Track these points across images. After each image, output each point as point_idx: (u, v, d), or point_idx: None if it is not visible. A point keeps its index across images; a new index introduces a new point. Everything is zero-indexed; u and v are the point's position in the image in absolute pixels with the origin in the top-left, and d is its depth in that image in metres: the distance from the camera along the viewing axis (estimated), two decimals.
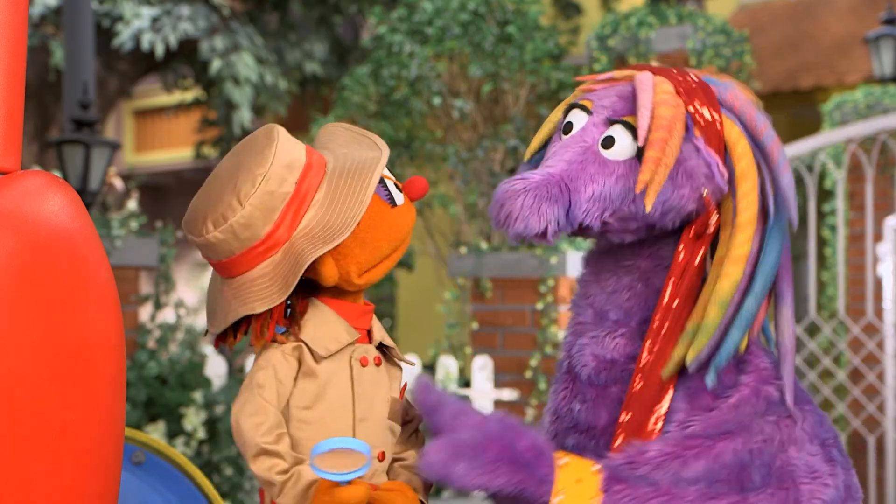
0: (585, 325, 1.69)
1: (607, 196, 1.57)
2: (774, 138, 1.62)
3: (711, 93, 1.64)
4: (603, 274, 1.69)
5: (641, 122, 1.57)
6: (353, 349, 1.60)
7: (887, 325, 4.68)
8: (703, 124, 1.60)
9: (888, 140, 4.84)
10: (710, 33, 5.41)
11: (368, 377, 1.60)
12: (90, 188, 5.23)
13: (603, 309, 1.67)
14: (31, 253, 1.28)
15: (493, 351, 4.51)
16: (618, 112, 1.62)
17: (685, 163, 1.58)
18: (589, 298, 1.69)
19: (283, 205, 1.54)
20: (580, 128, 1.63)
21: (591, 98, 1.66)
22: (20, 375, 1.26)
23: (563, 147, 1.62)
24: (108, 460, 1.40)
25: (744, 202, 1.57)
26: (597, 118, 1.62)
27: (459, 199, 5.95)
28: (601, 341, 1.66)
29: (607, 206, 1.57)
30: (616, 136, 1.60)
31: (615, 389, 1.64)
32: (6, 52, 1.35)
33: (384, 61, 6.10)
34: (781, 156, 1.62)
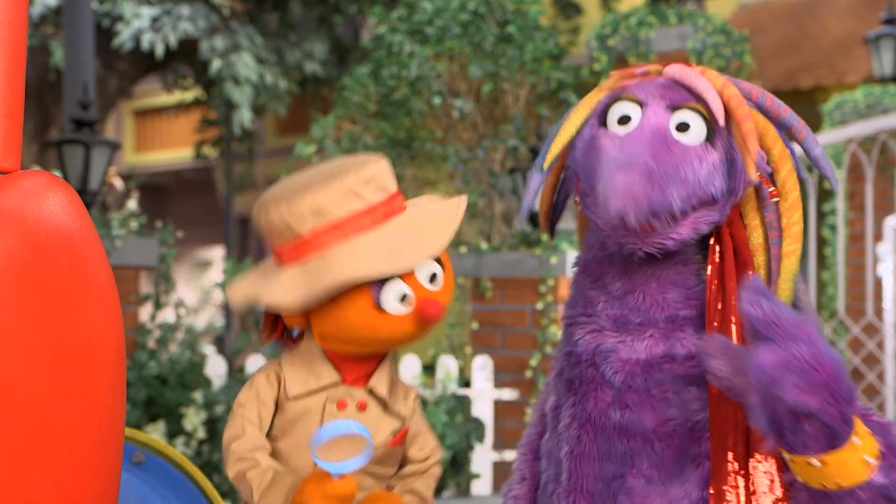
0: (603, 332, 1.65)
1: (696, 180, 1.55)
2: (796, 117, 1.66)
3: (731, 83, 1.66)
4: (607, 279, 1.66)
5: (714, 104, 1.58)
6: (331, 391, 1.60)
7: (887, 325, 4.68)
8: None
9: (888, 140, 4.84)
10: (710, 33, 5.41)
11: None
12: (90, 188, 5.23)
13: (621, 314, 1.64)
14: (31, 253, 1.28)
15: (493, 351, 4.51)
16: (675, 100, 1.61)
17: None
18: (598, 307, 1.66)
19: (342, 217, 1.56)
20: (641, 117, 1.61)
21: (633, 91, 1.65)
22: (20, 375, 1.26)
23: (634, 138, 1.58)
24: (108, 460, 1.40)
25: (790, 182, 1.60)
26: (656, 107, 1.61)
27: None
28: (629, 345, 1.63)
29: (695, 191, 1.55)
30: (689, 120, 1.59)
31: (656, 392, 1.61)
32: (6, 52, 1.35)
33: (384, 61, 6.10)
34: (808, 131, 1.66)
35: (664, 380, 1.61)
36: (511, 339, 4.50)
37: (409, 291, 1.54)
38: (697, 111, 1.60)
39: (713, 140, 1.58)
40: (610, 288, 1.65)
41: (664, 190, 1.49)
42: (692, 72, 1.64)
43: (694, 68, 1.66)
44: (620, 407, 1.62)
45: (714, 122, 1.59)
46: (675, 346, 1.62)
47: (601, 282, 1.67)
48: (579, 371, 1.67)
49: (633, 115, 1.61)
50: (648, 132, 1.57)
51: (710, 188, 1.56)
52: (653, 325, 1.62)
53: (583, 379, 1.66)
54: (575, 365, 1.67)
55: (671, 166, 1.54)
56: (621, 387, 1.62)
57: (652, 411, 1.61)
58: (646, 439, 1.61)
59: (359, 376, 1.62)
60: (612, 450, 1.62)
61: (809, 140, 1.65)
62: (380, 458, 1.60)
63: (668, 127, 1.58)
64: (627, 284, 1.64)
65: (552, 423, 1.74)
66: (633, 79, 1.68)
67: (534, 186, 1.66)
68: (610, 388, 1.63)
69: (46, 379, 1.28)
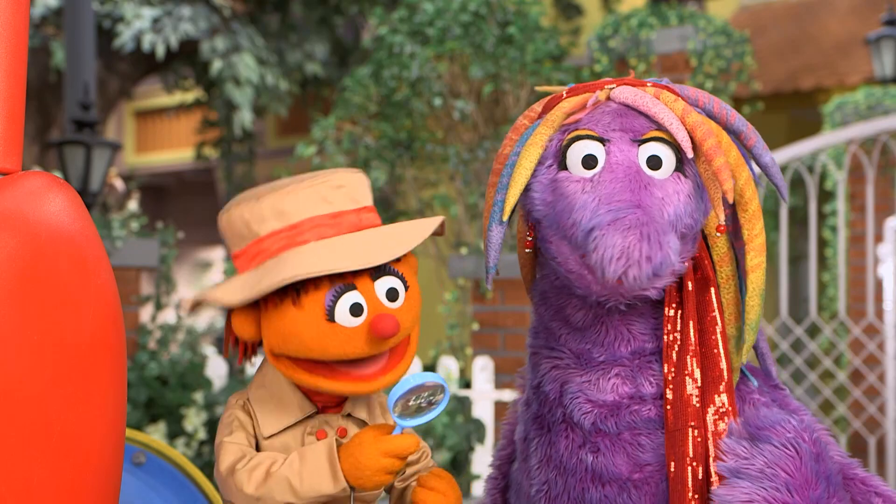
0: (567, 370, 1.58)
1: (680, 215, 1.48)
2: (745, 122, 1.57)
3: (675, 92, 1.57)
4: (567, 311, 1.58)
5: (679, 135, 1.49)
6: (309, 423, 1.55)
7: (888, 327, 4.68)
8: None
9: (889, 141, 4.84)
10: (711, 34, 5.41)
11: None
12: (91, 189, 5.23)
13: (584, 349, 1.57)
14: (32, 253, 1.28)
15: (493, 352, 4.51)
16: (637, 131, 1.52)
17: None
18: (560, 339, 1.58)
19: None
20: (608, 157, 1.50)
21: (588, 127, 1.54)
22: (21, 376, 1.26)
23: (612, 180, 1.48)
24: (109, 461, 1.40)
25: (748, 191, 1.51)
26: (620, 143, 1.51)
27: (460, 200, 5.94)
28: (595, 384, 1.56)
29: (678, 226, 1.48)
30: (660, 154, 1.50)
31: (628, 435, 1.54)
32: (7, 53, 1.35)
33: (385, 62, 6.10)
34: (757, 137, 1.57)
35: (635, 422, 1.54)
36: (512, 340, 4.50)
37: (363, 303, 1.47)
38: (664, 141, 1.50)
39: (683, 169, 1.50)
40: (571, 319, 1.57)
41: (662, 245, 1.38)
42: (646, 97, 1.53)
43: (646, 88, 1.54)
44: (592, 451, 1.55)
45: (682, 150, 1.49)
46: (642, 385, 1.54)
47: (562, 313, 1.59)
48: (549, 409, 1.60)
49: (597, 154, 1.50)
50: (622, 174, 1.47)
51: (689, 220, 1.49)
52: (617, 364, 1.55)
53: (553, 419, 1.59)
54: (543, 402, 1.61)
55: (658, 212, 1.44)
56: (591, 429, 1.55)
57: (625, 456, 1.53)
58: (621, 487, 1.54)
59: (333, 401, 1.57)
60: (585, 496, 1.56)
61: (759, 146, 1.57)
62: None
63: (639, 165, 1.49)
64: (589, 316, 1.56)
65: (521, 455, 1.68)
66: (582, 111, 1.57)
67: (495, 241, 1.55)
68: (581, 429, 1.56)
69: (47, 379, 1.28)
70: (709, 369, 1.52)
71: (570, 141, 1.52)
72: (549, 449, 1.60)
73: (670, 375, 1.53)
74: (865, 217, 5.12)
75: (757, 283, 1.52)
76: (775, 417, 1.48)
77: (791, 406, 1.60)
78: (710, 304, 1.54)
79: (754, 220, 1.53)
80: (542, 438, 1.61)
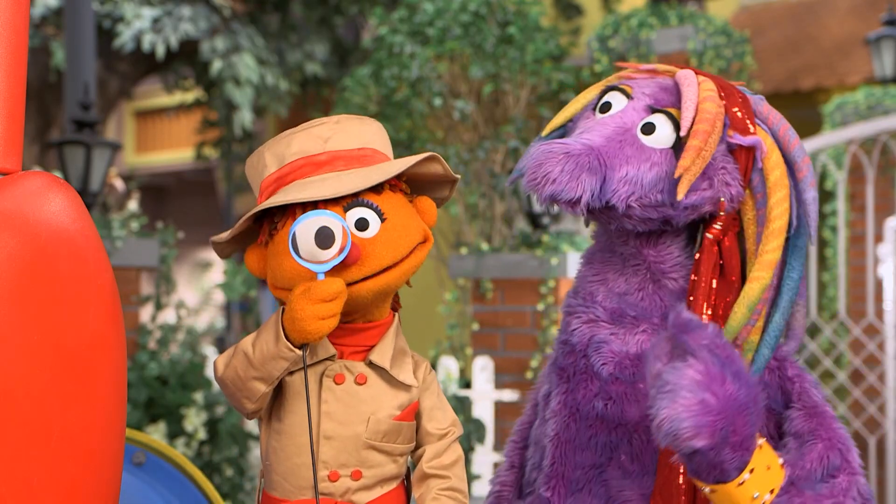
0: (598, 322, 1.67)
1: (639, 180, 1.56)
2: (804, 155, 1.63)
3: (748, 101, 1.65)
4: (608, 275, 1.68)
5: (686, 114, 1.57)
6: (328, 365, 1.58)
7: (888, 327, 4.68)
8: (739, 128, 1.61)
9: (889, 141, 4.84)
10: (711, 34, 5.41)
11: (343, 395, 1.58)
12: (91, 189, 5.23)
13: (618, 308, 1.66)
14: (33, 253, 1.28)
15: (493, 352, 4.51)
16: (660, 102, 1.62)
17: (713, 163, 1.59)
18: (597, 298, 1.68)
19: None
20: (619, 109, 1.63)
21: (631, 84, 1.67)
22: (21, 375, 1.26)
23: (602, 124, 1.61)
24: (109, 461, 1.40)
25: (777, 210, 1.58)
26: (638, 104, 1.62)
27: (460, 200, 5.95)
28: (622, 338, 1.64)
29: (636, 191, 1.56)
30: (657, 123, 1.60)
31: (643, 386, 1.61)
32: (7, 53, 1.35)
33: (385, 62, 6.10)
34: (809, 172, 1.63)
35: None
36: (512, 340, 4.50)
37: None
38: (672, 118, 1.60)
39: (679, 150, 1.58)
40: (611, 284, 1.67)
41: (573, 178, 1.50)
42: (691, 79, 1.62)
43: (698, 77, 1.64)
44: (604, 398, 1.64)
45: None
46: None
47: (602, 276, 1.69)
48: (572, 360, 1.69)
49: (615, 105, 1.64)
50: (611, 124, 1.59)
51: (658, 195, 1.56)
52: (647, 321, 1.64)
53: (575, 369, 1.68)
54: (568, 354, 1.70)
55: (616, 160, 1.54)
56: (608, 378, 1.64)
57: (636, 404, 1.62)
58: (626, 432, 1.62)
59: (357, 349, 1.60)
60: (594, 440, 1.64)
61: (806, 181, 1.63)
62: (387, 432, 1.59)
63: (635, 124, 1.60)
64: (628, 283, 1.66)
65: (542, 412, 1.76)
66: (641, 74, 1.70)
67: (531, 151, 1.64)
68: (598, 379, 1.65)
69: (47, 379, 1.28)
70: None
71: (606, 90, 1.68)
72: (567, 397, 1.68)
73: None
74: (865, 217, 5.12)
75: (750, 293, 1.57)
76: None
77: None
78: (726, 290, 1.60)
79: (772, 237, 1.58)
80: (562, 387, 1.69)
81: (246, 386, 1.54)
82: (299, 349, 1.50)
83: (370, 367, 1.60)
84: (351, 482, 1.57)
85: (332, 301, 1.47)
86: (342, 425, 1.57)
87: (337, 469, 1.57)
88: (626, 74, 1.72)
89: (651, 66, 1.72)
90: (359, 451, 1.57)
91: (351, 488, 1.57)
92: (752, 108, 1.65)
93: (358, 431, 1.57)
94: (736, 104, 1.63)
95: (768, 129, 1.64)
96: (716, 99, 1.60)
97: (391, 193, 1.58)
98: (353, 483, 1.57)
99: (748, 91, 1.70)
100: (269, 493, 1.62)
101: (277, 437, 1.59)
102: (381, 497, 1.60)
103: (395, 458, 1.61)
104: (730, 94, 1.63)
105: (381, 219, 1.55)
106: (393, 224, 1.56)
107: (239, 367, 1.54)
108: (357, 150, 1.60)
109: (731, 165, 1.60)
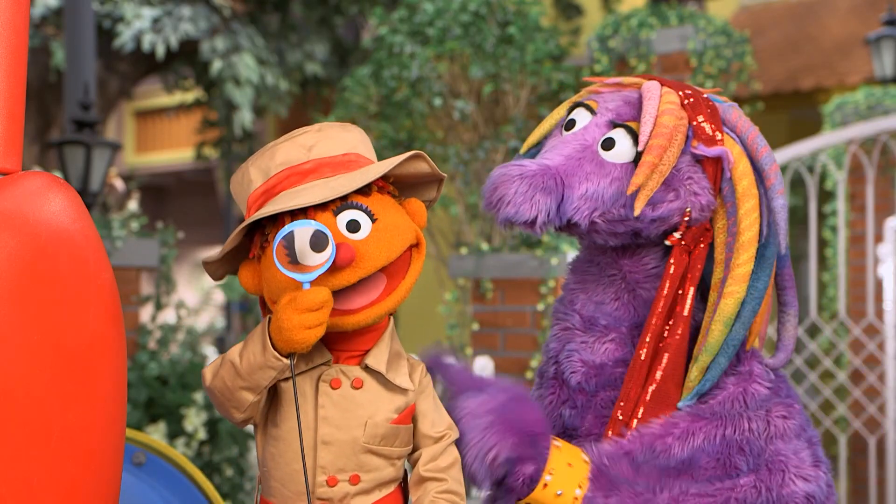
0: (573, 331, 1.70)
1: (600, 196, 1.57)
2: (773, 162, 1.63)
3: (716, 110, 1.65)
4: (588, 283, 1.71)
5: (644, 129, 1.58)
6: (324, 370, 1.58)
7: (888, 327, 4.68)
8: (703, 139, 1.61)
9: (889, 141, 4.84)
10: (711, 34, 5.41)
11: (339, 400, 1.58)
12: (91, 189, 5.23)
13: (592, 316, 1.69)
14: (33, 253, 1.28)
15: (493, 352, 4.51)
16: (622, 116, 1.63)
17: (678, 174, 1.59)
18: (576, 306, 1.71)
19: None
20: (582, 126, 1.65)
21: (597, 99, 1.68)
22: (21, 375, 1.26)
23: (563, 142, 1.63)
24: (109, 461, 1.40)
25: (745, 221, 1.58)
26: (600, 119, 1.64)
27: (460, 200, 5.95)
28: (590, 346, 1.67)
29: (598, 206, 1.57)
30: (617, 138, 1.61)
31: (603, 395, 1.66)
32: (7, 53, 1.35)
33: (385, 62, 6.10)
34: (778, 180, 1.63)
35: (612, 383, 1.65)
36: (512, 340, 4.50)
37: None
38: (633, 131, 1.61)
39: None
40: (590, 292, 1.70)
41: (527, 200, 1.52)
42: (654, 92, 1.63)
43: (662, 88, 1.64)
44: (571, 406, 1.69)
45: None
46: (631, 353, 1.65)
47: (583, 284, 1.72)
48: (546, 364, 1.75)
49: (579, 121, 1.65)
50: (571, 142, 1.62)
51: (619, 209, 1.57)
52: (616, 330, 1.66)
53: (548, 374, 1.74)
54: (547, 359, 1.75)
55: (575, 178, 1.56)
56: (575, 387, 1.68)
57: (595, 415, 1.66)
58: (572, 437, 1.67)
59: (353, 354, 1.60)
60: None
61: (774, 189, 1.62)
62: (384, 436, 1.58)
63: (596, 140, 1.61)
64: (605, 292, 1.68)
65: None
66: (608, 88, 1.71)
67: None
68: (567, 387, 1.69)
69: (47, 379, 1.28)
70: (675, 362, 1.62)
71: (573, 106, 1.70)
72: (540, 402, 1.74)
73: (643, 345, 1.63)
74: (865, 217, 5.12)
75: (726, 310, 1.57)
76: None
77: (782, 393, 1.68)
78: (684, 300, 1.62)
79: (742, 250, 1.58)
80: (538, 392, 1.76)
81: (234, 396, 1.54)
82: (287, 358, 1.50)
83: (366, 370, 1.60)
84: (349, 486, 1.57)
85: (318, 310, 1.46)
86: (340, 430, 1.57)
87: (335, 474, 1.57)
88: (594, 89, 1.73)
89: (617, 79, 1.72)
90: (357, 456, 1.57)
91: (349, 493, 1.57)
92: (720, 116, 1.65)
93: (356, 436, 1.57)
94: (702, 113, 1.63)
95: (736, 138, 1.64)
96: (675, 112, 1.59)
97: (379, 195, 1.58)
98: (352, 487, 1.57)
99: (718, 98, 1.70)
100: (266, 499, 1.62)
101: (275, 443, 1.59)
102: (379, 501, 1.59)
103: (393, 462, 1.61)
104: (696, 104, 1.63)
105: (371, 220, 1.54)
106: (384, 224, 1.55)
107: (226, 376, 1.53)
108: (342, 157, 1.60)
109: (699, 175, 1.60)
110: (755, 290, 1.60)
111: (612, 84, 1.71)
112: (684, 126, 1.60)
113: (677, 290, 1.62)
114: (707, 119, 1.63)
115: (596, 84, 1.74)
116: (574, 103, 1.70)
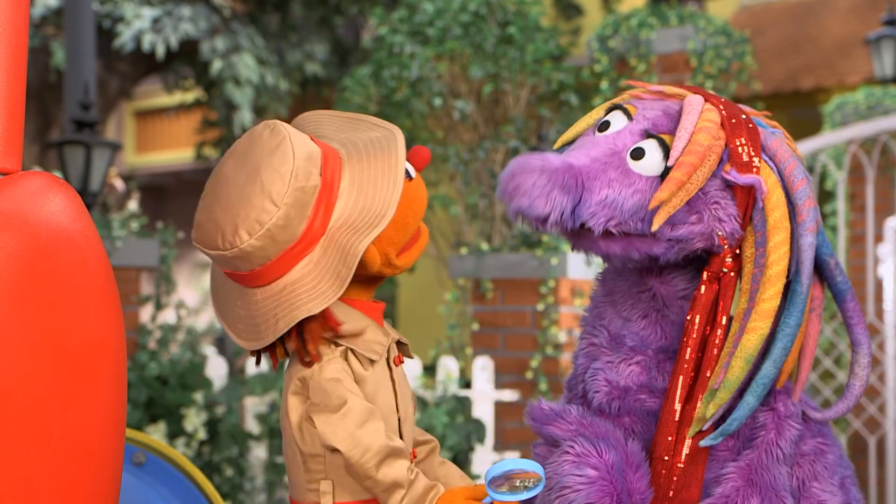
0: (599, 347, 1.65)
1: (619, 205, 1.51)
2: (807, 197, 1.54)
3: (757, 135, 1.57)
4: (617, 296, 1.65)
5: (677, 143, 1.51)
6: (389, 349, 1.57)
7: (888, 327, 4.68)
8: (738, 164, 1.54)
9: (889, 141, 4.84)
10: (711, 34, 5.41)
11: (399, 376, 1.58)
12: (91, 189, 5.23)
13: (619, 334, 1.63)
14: (33, 253, 1.28)
15: (493, 352, 4.51)
16: (658, 127, 1.56)
17: (704, 197, 1.53)
18: (604, 320, 1.65)
19: (315, 198, 1.46)
20: (616, 130, 1.58)
21: (637, 105, 1.61)
22: (21, 375, 1.26)
23: (593, 143, 1.56)
24: (109, 461, 1.40)
25: (774, 255, 1.51)
26: (635, 126, 1.57)
27: (460, 200, 5.95)
28: (616, 367, 1.62)
29: (615, 215, 1.51)
30: (648, 149, 1.54)
31: (627, 420, 1.61)
32: (7, 53, 1.35)
33: (385, 62, 6.10)
34: (809, 217, 1.53)
35: (636, 409, 1.61)
36: (512, 340, 4.50)
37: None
38: (666, 145, 1.54)
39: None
40: (619, 306, 1.64)
41: (543, 196, 1.46)
42: (695, 107, 1.56)
43: (706, 104, 1.58)
44: None
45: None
46: (656, 378, 1.60)
47: (611, 297, 1.66)
48: (574, 382, 1.71)
49: (613, 124, 1.59)
50: (602, 144, 1.55)
51: (637, 223, 1.51)
52: (643, 353, 1.61)
53: (575, 391, 1.70)
54: (574, 376, 1.71)
55: (589, 181, 1.49)
56: (597, 407, 1.63)
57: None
58: None
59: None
60: None
61: (804, 226, 1.53)
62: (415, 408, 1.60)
63: (626, 147, 1.54)
64: (633, 307, 1.63)
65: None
66: (651, 95, 1.65)
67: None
68: (590, 405, 1.65)
69: (47, 379, 1.28)
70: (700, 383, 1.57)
71: (611, 108, 1.63)
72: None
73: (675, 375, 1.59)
74: (865, 217, 5.12)
75: (748, 346, 1.50)
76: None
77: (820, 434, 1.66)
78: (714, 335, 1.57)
79: (769, 285, 1.50)
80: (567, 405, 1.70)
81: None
82: None
83: (398, 346, 1.60)
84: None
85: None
86: (406, 405, 1.57)
87: (414, 447, 1.59)
88: (636, 94, 1.66)
89: (661, 87, 1.65)
90: (414, 429, 1.59)
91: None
92: (760, 141, 1.57)
93: (412, 409, 1.58)
94: (742, 136, 1.55)
95: (774, 167, 1.56)
96: (713, 130, 1.53)
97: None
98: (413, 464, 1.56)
99: (762, 123, 1.62)
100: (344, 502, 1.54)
101: None
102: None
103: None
104: (737, 126, 1.56)
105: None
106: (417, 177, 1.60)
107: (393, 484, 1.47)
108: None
109: (727, 201, 1.53)
110: (787, 328, 1.53)
111: (655, 92, 1.65)
112: (720, 147, 1.53)
113: (707, 321, 1.56)
114: (746, 143, 1.55)
115: (639, 89, 1.67)
116: (612, 105, 1.64)
